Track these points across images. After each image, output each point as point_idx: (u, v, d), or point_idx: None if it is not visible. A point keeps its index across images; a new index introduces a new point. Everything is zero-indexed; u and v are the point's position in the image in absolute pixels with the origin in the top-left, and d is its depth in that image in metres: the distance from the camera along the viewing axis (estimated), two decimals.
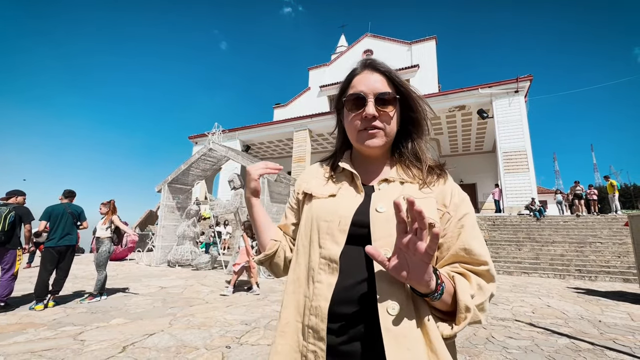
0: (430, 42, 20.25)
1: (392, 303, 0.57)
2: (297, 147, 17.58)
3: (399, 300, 0.58)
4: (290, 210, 0.85)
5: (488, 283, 0.62)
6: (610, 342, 3.14)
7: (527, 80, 12.76)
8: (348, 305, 0.60)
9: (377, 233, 0.63)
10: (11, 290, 4.06)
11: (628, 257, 7.76)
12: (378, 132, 0.70)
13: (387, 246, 0.61)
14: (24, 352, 2.66)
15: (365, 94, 0.70)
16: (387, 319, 0.56)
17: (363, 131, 0.71)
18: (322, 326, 0.60)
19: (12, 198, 4.39)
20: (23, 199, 4.49)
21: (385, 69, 0.73)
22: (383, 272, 0.60)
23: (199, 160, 9.43)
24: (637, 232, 5.37)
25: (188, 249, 8.96)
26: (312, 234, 0.69)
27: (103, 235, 4.81)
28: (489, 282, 0.62)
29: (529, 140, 12.58)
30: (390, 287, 0.59)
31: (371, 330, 0.58)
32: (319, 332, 0.60)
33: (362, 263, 0.63)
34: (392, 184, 0.71)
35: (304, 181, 0.81)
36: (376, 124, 0.70)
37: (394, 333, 0.55)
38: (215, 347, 2.88)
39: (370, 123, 0.69)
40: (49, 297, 4.21)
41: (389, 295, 0.58)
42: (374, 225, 0.64)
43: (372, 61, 0.75)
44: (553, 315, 4.20)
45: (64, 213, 4.48)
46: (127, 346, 2.86)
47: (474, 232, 0.65)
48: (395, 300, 0.57)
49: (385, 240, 0.62)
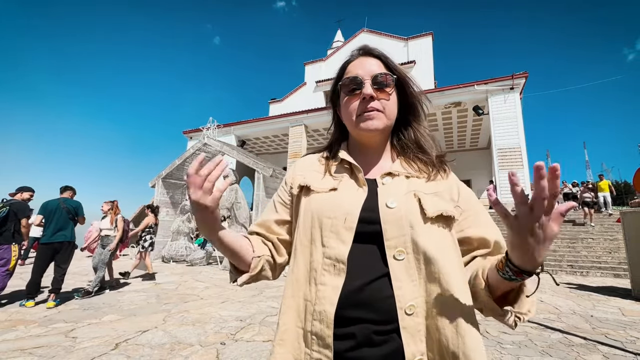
0: (427, 38, 20.23)
1: (410, 303, 0.55)
2: (293, 143, 17.49)
3: (417, 300, 0.56)
4: (281, 205, 0.75)
5: None
6: (602, 337, 3.18)
7: (523, 77, 12.81)
8: (357, 309, 0.56)
9: (390, 231, 0.59)
10: (4, 286, 4.00)
11: (619, 253, 7.88)
12: (377, 114, 0.67)
13: (400, 246, 0.58)
14: (13, 350, 2.61)
15: (362, 76, 0.67)
16: (405, 319, 0.54)
17: (361, 115, 0.67)
18: (328, 332, 0.55)
19: (18, 194, 4.46)
20: (29, 195, 4.52)
21: (380, 53, 0.72)
22: (400, 271, 0.57)
23: (194, 155, 9.34)
24: (629, 228, 5.44)
25: (183, 245, 8.91)
26: (313, 232, 0.64)
27: (110, 234, 4.91)
28: None
29: (524, 137, 12.67)
30: (410, 285, 0.56)
31: (382, 336, 0.55)
32: (325, 339, 0.55)
33: (371, 262, 0.59)
34: (397, 178, 0.67)
35: (299, 174, 0.74)
36: (374, 105, 0.66)
37: (410, 331, 0.54)
38: (210, 343, 2.86)
39: (368, 104, 0.66)
40: (49, 296, 4.09)
41: (407, 295, 0.55)
42: (385, 222, 0.60)
43: (366, 46, 0.73)
44: (546, 310, 4.25)
45: (58, 208, 4.38)
46: (120, 343, 2.81)
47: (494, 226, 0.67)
48: (413, 300, 0.55)
49: (398, 240, 0.58)
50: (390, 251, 0.58)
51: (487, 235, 0.64)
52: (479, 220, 0.66)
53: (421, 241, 0.58)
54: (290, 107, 22.10)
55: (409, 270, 0.57)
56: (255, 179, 7.94)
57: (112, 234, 4.94)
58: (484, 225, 0.66)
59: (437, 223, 0.61)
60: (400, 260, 0.57)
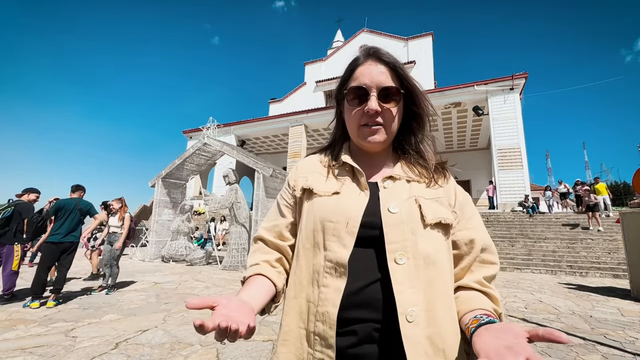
0: (427, 38, 20.23)
1: (411, 309, 0.55)
2: (293, 143, 17.48)
3: (418, 307, 0.56)
4: (287, 208, 0.74)
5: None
6: (601, 337, 3.19)
7: (523, 77, 12.82)
8: (358, 310, 0.57)
9: (391, 236, 0.60)
10: (13, 284, 4.09)
11: (618, 254, 7.90)
12: (379, 128, 0.66)
13: (401, 250, 0.59)
14: (13, 349, 2.61)
15: (368, 87, 0.65)
16: (407, 326, 0.54)
17: (364, 127, 0.67)
18: (331, 333, 0.56)
19: (25, 195, 4.58)
20: (35, 197, 4.65)
21: (390, 60, 0.68)
22: (400, 275, 0.57)
23: (194, 154, 9.34)
24: (628, 228, 5.45)
25: (182, 245, 8.91)
26: (316, 235, 0.64)
27: (117, 231, 4.97)
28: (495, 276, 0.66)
29: (523, 137, 12.68)
30: (410, 290, 0.57)
31: (383, 333, 0.56)
32: (327, 340, 0.56)
33: (372, 265, 0.60)
34: (399, 181, 0.68)
35: (301, 176, 0.74)
36: (378, 120, 0.66)
37: (413, 340, 0.54)
38: (210, 343, 2.86)
39: (373, 119, 0.66)
40: (51, 296, 4.07)
41: (408, 300, 0.56)
42: (387, 227, 0.60)
43: (377, 50, 0.70)
44: (545, 310, 4.26)
45: (74, 209, 4.37)
46: (120, 342, 2.82)
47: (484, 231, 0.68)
48: (414, 307, 0.56)
49: (399, 244, 0.59)
50: (392, 255, 0.59)
51: (475, 237, 0.66)
52: (469, 223, 0.67)
53: (421, 246, 0.60)
54: (290, 107, 22.09)
55: (409, 274, 0.58)
56: (255, 178, 7.94)
57: (119, 231, 4.99)
58: (472, 228, 0.67)
59: (436, 229, 0.62)
60: (401, 264, 0.58)
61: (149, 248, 9.30)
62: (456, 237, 0.66)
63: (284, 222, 0.74)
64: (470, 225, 0.67)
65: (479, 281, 0.62)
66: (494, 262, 0.65)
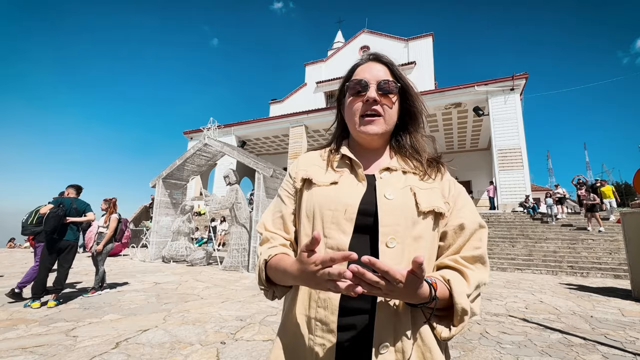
0: (427, 39, 20.23)
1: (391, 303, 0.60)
2: (293, 143, 17.51)
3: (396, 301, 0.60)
4: (289, 197, 0.77)
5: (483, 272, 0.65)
6: (602, 337, 3.18)
7: (523, 78, 12.82)
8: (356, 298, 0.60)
9: (385, 219, 0.63)
10: (31, 280, 4.12)
11: (619, 254, 7.88)
12: (378, 119, 0.71)
13: (392, 234, 0.62)
14: (14, 349, 2.62)
15: (368, 80, 0.71)
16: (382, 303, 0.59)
17: (363, 116, 0.71)
18: (333, 318, 0.60)
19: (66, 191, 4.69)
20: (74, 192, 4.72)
21: (388, 61, 0.75)
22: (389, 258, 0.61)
23: (194, 155, 9.35)
24: (629, 229, 5.44)
25: (183, 245, 8.91)
26: (316, 223, 0.67)
27: (104, 231, 4.93)
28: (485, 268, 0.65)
29: (524, 138, 12.67)
30: None
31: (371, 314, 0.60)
32: (329, 325, 0.60)
33: (366, 251, 0.63)
34: (395, 172, 0.72)
35: (302, 168, 0.77)
36: (377, 109, 0.70)
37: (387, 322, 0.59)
38: (210, 342, 2.87)
39: (371, 107, 0.70)
40: (51, 296, 4.08)
41: None
42: (382, 212, 0.64)
43: (376, 53, 0.77)
44: (546, 310, 4.25)
45: (70, 209, 4.38)
46: (121, 342, 2.82)
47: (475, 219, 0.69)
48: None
49: (392, 228, 0.62)
50: (384, 238, 0.62)
51: (464, 221, 0.67)
52: (460, 212, 0.69)
53: (413, 233, 0.63)
54: (290, 107, 22.13)
55: (397, 259, 0.61)
56: (256, 179, 7.94)
57: (105, 231, 4.93)
58: (463, 217, 0.68)
59: (429, 217, 0.65)
60: (392, 248, 0.61)
61: (150, 248, 9.31)
62: (447, 227, 0.68)
63: (287, 212, 0.76)
64: (461, 214, 0.69)
65: (454, 259, 0.64)
66: (479, 247, 0.65)
